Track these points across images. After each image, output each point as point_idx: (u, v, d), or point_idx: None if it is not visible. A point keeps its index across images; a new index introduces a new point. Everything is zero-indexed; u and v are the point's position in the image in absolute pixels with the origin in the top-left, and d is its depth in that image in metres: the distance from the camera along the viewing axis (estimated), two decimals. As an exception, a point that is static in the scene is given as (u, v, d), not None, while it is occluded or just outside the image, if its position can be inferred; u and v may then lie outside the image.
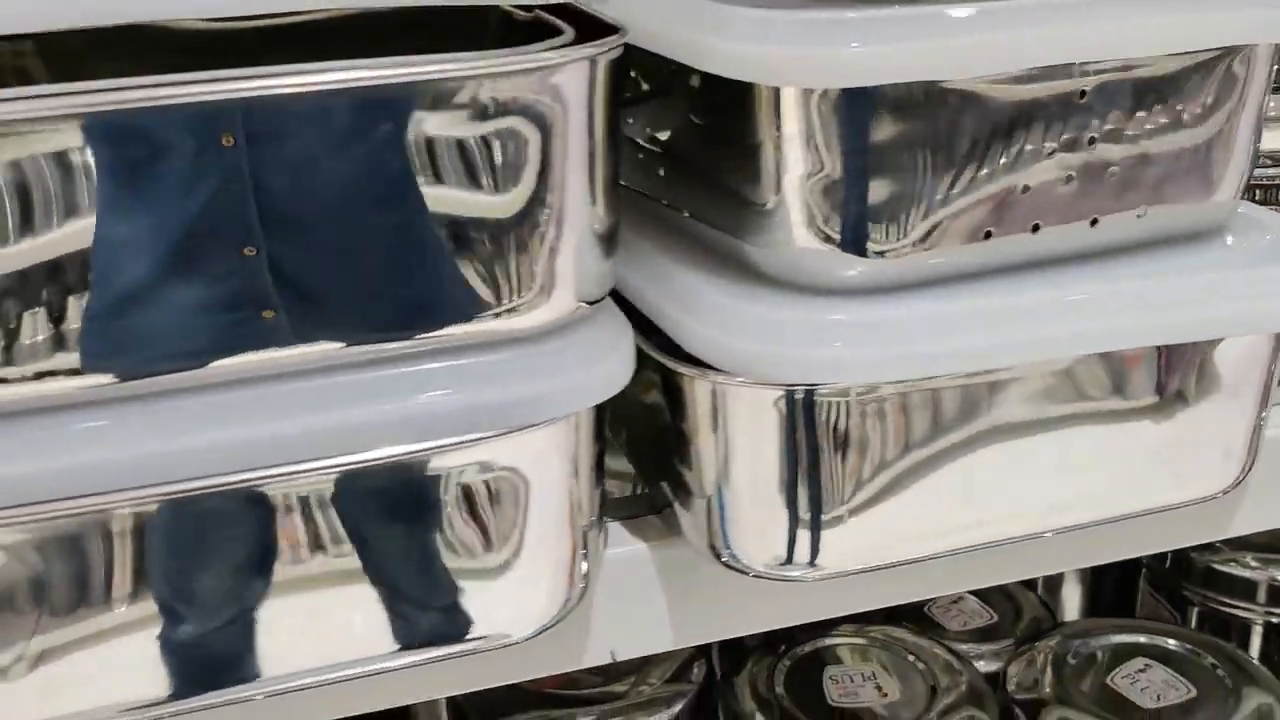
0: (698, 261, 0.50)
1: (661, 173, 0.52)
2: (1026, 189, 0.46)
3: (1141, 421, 0.50)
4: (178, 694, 0.43)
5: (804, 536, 0.50)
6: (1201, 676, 0.78)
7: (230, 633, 0.42)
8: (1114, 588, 1.02)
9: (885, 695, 0.78)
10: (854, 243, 0.46)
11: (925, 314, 0.46)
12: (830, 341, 0.46)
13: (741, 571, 0.51)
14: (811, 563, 0.51)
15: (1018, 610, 0.91)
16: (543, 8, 0.45)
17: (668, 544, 0.53)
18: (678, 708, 0.79)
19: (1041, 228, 0.46)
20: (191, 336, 0.39)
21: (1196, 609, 0.93)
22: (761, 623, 0.54)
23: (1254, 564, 0.92)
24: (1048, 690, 0.78)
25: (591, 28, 0.43)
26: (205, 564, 0.41)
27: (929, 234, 0.45)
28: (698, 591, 0.53)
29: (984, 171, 0.45)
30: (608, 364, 0.44)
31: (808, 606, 0.54)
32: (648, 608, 0.53)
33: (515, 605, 0.46)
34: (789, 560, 0.50)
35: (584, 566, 0.48)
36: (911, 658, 0.80)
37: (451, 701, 0.81)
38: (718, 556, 0.51)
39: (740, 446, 0.48)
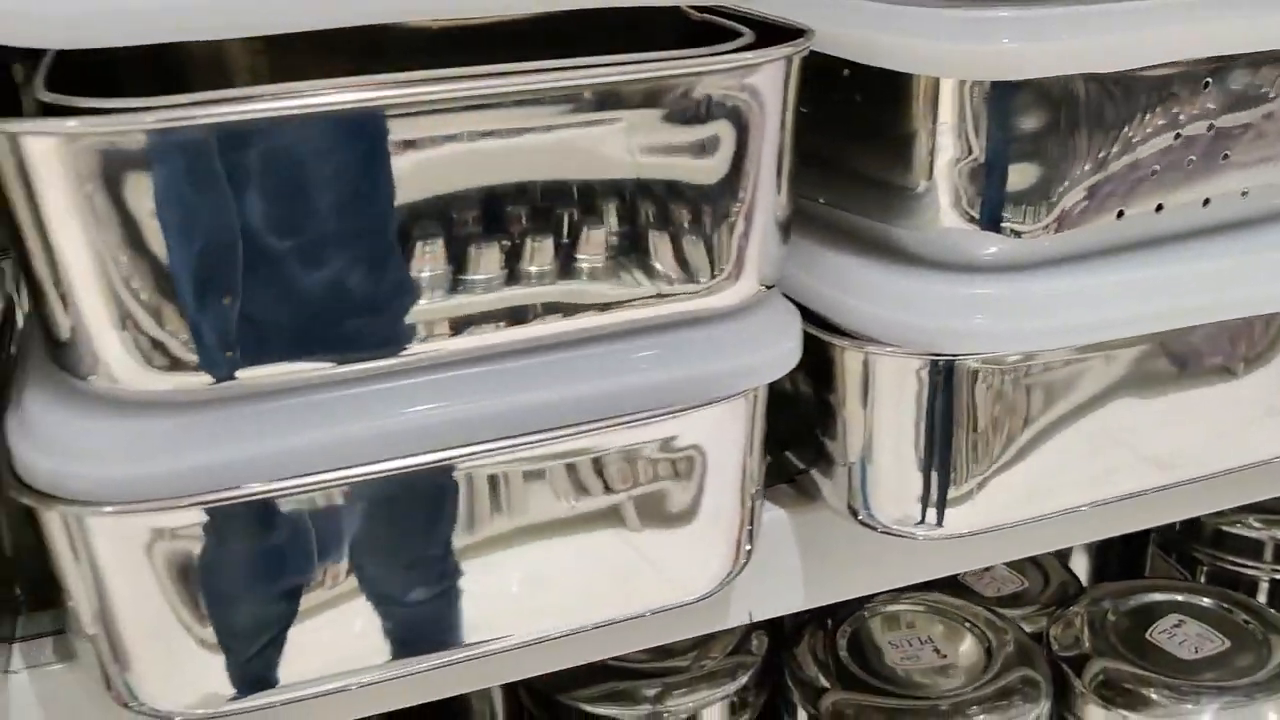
0: (840, 243, 0.54)
1: (793, 162, 0.56)
2: (1155, 172, 0.51)
3: (1242, 383, 0.56)
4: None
5: (940, 495, 0.54)
6: (1232, 630, 0.84)
7: (459, 598, 0.46)
8: (1120, 553, 1.08)
9: (944, 657, 0.83)
10: (995, 222, 0.50)
11: (1064, 288, 0.51)
12: (973, 314, 0.51)
13: (873, 527, 0.55)
14: (939, 522, 0.55)
15: (1046, 576, 0.97)
16: (711, 10, 0.49)
17: (802, 510, 0.57)
18: (744, 679, 0.83)
19: (1164, 208, 0.52)
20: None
21: (1205, 569, 1.00)
22: (891, 580, 0.59)
23: (1257, 525, 1.00)
24: (1089, 646, 0.84)
25: (757, 29, 0.47)
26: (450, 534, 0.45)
27: (1066, 214, 0.50)
28: (832, 554, 0.57)
29: (1120, 155, 0.50)
30: (783, 342, 0.48)
31: (935, 563, 0.59)
32: (783, 571, 0.57)
33: (694, 570, 0.50)
34: (923, 520, 0.55)
35: (749, 533, 0.52)
36: (966, 622, 0.85)
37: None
38: (855, 515, 0.55)
39: (886, 411, 0.53)
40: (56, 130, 0.37)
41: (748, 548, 0.52)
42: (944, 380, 0.52)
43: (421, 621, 0.46)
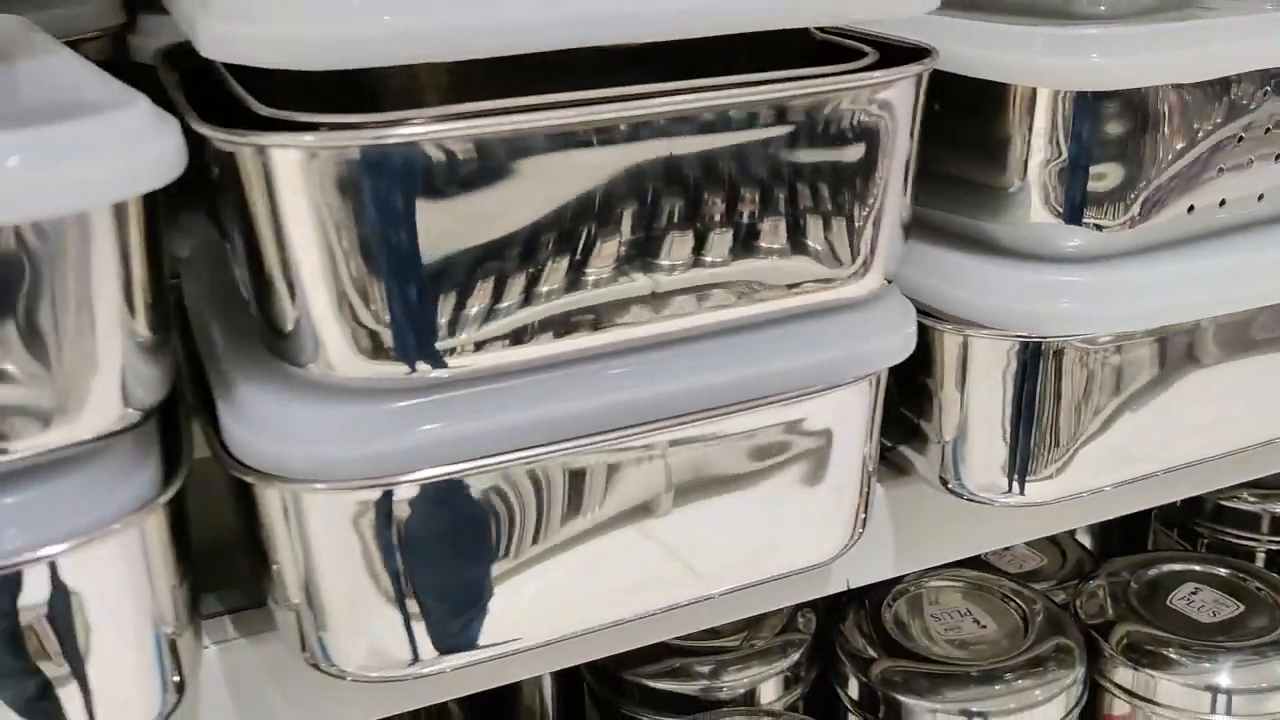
0: (936, 239, 0.60)
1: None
2: (1220, 170, 0.58)
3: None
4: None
5: (1023, 466, 0.61)
6: (1245, 595, 0.92)
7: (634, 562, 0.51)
8: (1122, 530, 1.16)
9: (984, 627, 0.89)
10: (1079, 217, 0.57)
11: (1141, 276, 0.58)
12: (1060, 299, 0.57)
13: (960, 495, 0.62)
14: (1022, 490, 0.62)
15: (1063, 553, 1.04)
16: (834, 32, 0.55)
17: (891, 484, 0.63)
18: (795, 656, 0.89)
19: (1226, 203, 0.59)
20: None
21: (1206, 541, 1.08)
22: (972, 547, 0.65)
23: (1252, 499, 1.08)
24: (1112, 614, 0.91)
25: (878, 48, 0.53)
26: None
27: (1142, 209, 0.57)
28: (921, 525, 0.64)
29: (1191, 156, 0.57)
30: (904, 329, 0.54)
31: (1013, 529, 0.65)
32: (876, 541, 0.63)
33: (821, 539, 0.56)
34: (1009, 489, 0.61)
35: (866, 505, 0.57)
36: (1001, 595, 0.92)
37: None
38: (945, 485, 0.62)
39: (979, 389, 0.59)
40: (298, 144, 0.42)
41: (863, 520, 0.58)
42: (1032, 360, 0.58)
43: (590, 587, 0.52)
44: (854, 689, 0.87)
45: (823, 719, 0.90)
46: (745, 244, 0.49)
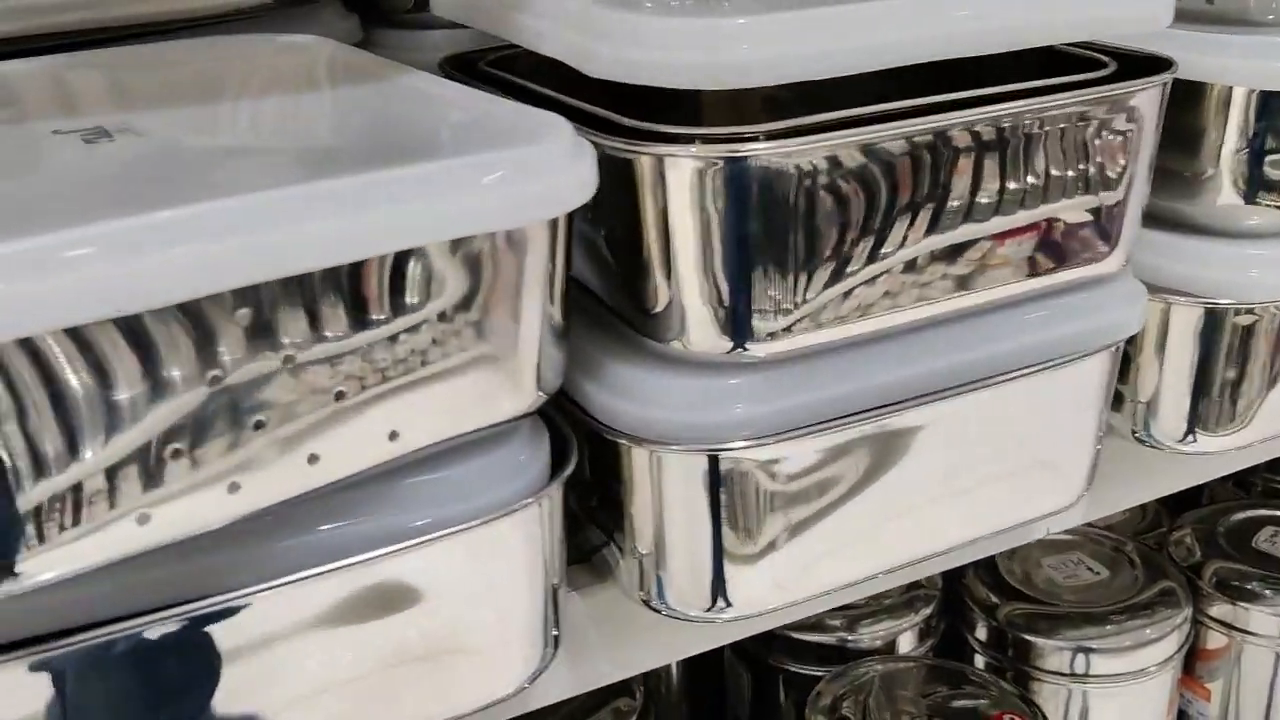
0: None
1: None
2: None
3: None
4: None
5: (1195, 416, 0.71)
6: (1322, 535, 1.04)
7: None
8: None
9: (1097, 574, 1.00)
10: (1257, 197, 0.67)
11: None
12: (1249, 269, 0.68)
13: (1144, 442, 0.73)
14: (1189, 437, 0.72)
15: (1142, 509, 1.15)
16: (1078, 45, 0.64)
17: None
18: (927, 610, 0.98)
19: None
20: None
21: (1259, 489, 1.20)
22: (1153, 491, 0.75)
23: (1299, 449, 1.20)
24: (1201, 556, 1.02)
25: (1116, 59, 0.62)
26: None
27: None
28: (1115, 475, 0.73)
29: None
30: (1140, 302, 0.64)
31: (1196, 472, 0.75)
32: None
33: (1068, 488, 0.66)
34: (1192, 439, 0.72)
35: (1096, 458, 0.67)
36: (1110, 546, 1.02)
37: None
38: (1134, 434, 0.72)
39: (1174, 350, 0.70)
40: (691, 154, 0.51)
41: (1094, 469, 0.67)
42: (1218, 324, 0.69)
43: (884, 536, 0.61)
44: (982, 632, 0.97)
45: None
46: (1030, 225, 0.58)
